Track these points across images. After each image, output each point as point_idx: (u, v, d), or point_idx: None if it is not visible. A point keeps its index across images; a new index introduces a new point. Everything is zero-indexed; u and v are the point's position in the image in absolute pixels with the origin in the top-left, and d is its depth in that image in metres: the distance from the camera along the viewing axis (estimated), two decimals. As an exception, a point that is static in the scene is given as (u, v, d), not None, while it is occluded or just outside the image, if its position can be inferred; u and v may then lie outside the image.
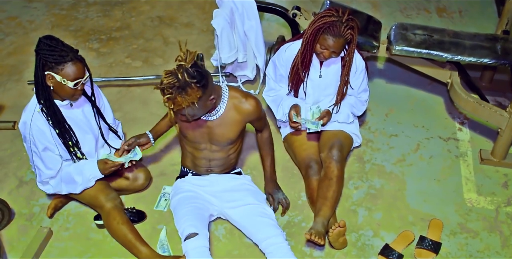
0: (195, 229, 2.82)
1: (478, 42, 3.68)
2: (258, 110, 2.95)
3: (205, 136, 2.94)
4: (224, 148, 3.03)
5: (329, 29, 2.99)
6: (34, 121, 2.78)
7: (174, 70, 2.53)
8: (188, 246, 2.79)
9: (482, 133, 3.76)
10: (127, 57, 4.52)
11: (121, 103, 4.02)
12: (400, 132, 3.78)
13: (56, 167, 2.92)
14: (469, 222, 3.18)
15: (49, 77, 2.66)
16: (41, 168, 2.91)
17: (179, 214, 2.96)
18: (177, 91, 2.50)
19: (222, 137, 2.95)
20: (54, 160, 2.90)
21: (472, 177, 3.45)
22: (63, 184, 2.99)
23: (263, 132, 3.18)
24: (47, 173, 2.92)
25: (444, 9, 5.06)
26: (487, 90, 3.97)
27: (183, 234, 2.85)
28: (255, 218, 2.96)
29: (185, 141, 3.03)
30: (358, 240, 3.10)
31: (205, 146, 3.00)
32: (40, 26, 4.89)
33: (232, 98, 2.86)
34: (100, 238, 3.10)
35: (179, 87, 2.50)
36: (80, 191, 3.00)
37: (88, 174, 2.94)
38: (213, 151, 3.02)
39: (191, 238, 2.80)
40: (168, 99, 2.53)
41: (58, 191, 3.03)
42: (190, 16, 5.03)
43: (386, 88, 4.15)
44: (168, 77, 2.51)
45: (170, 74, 2.52)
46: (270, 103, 3.48)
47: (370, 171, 3.51)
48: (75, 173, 2.94)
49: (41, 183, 3.01)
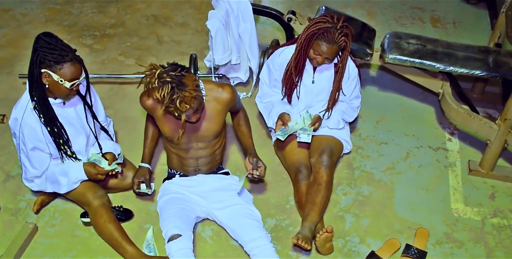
0: (178, 231, 2.81)
1: (470, 53, 3.71)
2: (236, 96, 2.98)
3: (191, 135, 2.94)
4: (210, 143, 3.02)
5: (323, 35, 3.00)
6: (25, 119, 2.76)
7: (159, 82, 2.49)
8: (171, 247, 2.79)
9: (471, 144, 3.79)
10: (120, 55, 4.50)
11: (112, 101, 4.00)
12: (390, 140, 3.80)
13: (42, 168, 2.91)
14: (455, 232, 3.20)
15: (45, 75, 2.64)
16: (27, 166, 2.90)
17: (164, 215, 2.96)
18: (177, 90, 2.48)
19: (208, 131, 2.94)
20: (40, 161, 2.89)
21: (460, 187, 3.48)
22: (48, 183, 2.98)
23: (239, 112, 3.21)
24: (32, 172, 2.91)
25: (439, 19, 5.09)
26: (477, 101, 4.00)
27: (166, 235, 2.85)
28: (242, 219, 2.96)
29: (170, 145, 3.03)
30: (344, 246, 3.10)
31: (191, 145, 2.99)
32: (34, 20, 4.85)
33: (209, 91, 2.87)
34: (86, 236, 3.08)
35: (177, 85, 2.48)
36: (64, 192, 2.99)
37: (74, 176, 2.93)
38: (199, 149, 3.02)
39: (174, 239, 2.79)
40: (181, 103, 2.49)
41: (43, 189, 3.02)
42: (185, 16, 5.02)
43: (378, 96, 4.17)
44: (161, 89, 2.48)
45: (161, 85, 2.48)
46: (262, 110, 3.49)
47: (359, 178, 3.52)
48: (61, 174, 2.93)
49: (27, 180, 3.01)
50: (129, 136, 3.66)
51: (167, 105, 2.51)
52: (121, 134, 3.65)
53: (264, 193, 3.38)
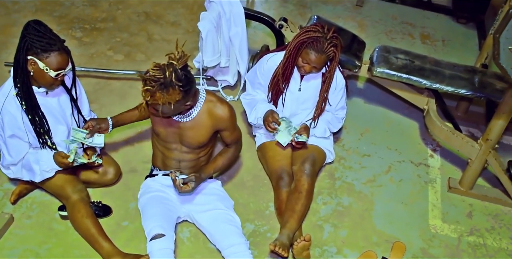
0: (162, 230, 2.79)
1: (457, 72, 3.75)
2: (230, 118, 2.90)
3: (176, 136, 2.92)
4: (195, 151, 3.01)
5: (312, 44, 3.02)
6: (6, 105, 2.73)
7: (163, 65, 2.51)
8: (153, 246, 2.76)
9: (452, 161, 3.83)
10: (109, 50, 4.46)
11: (98, 95, 3.97)
12: (373, 153, 3.82)
13: (18, 156, 2.87)
14: (431, 248, 3.22)
15: (31, 62, 2.61)
16: (4, 153, 2.88)
17: (148, 213, 2.92)
18: (159, 87, 2.48)
19: (192, 140, 2.93)
20: (17, 149, 2.86)
21: (439, 204, 3.50)
22: (24, 171, 2.94)
23: (232, 148, 3.08)
24: (8, 159, 2.89)
25: (428, 36, 5.15)
26: (461, 120, 4.05)
27: (149, 234, 2.81)
28: (221, 224, 2.95)
29: (157, 139, 3.01)
30: (321, 255, 3.11)
31: (176, 147, 2.97)
32: (24, 8, 4.80)
33: (207, 102, 2.85)
34: (62, 229, 3.04)
35: (162, 84, 2.48)
36: (39, 180, 2.95)
37: (45, 165, 2.89)
38: (183, 152, 3.00)
39: (157, 238, 2.77)
40: (147, 91, 2.50)
41: (19, 177, 2.98)
42: (177, 16, 5.00)
43: (363, 108, 4.20)
44: (156, 71, 2.49)
45: (159, 69, 2.50)
46: (245, 105, 3.48)
47: (340, 188, 3.53)
48: (34, 162, 2.89)
49: (3, 167, 2.98)
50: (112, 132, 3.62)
51: (143, 79, 2.50)
52: (105, 130, 3.61)
53: (245, 198, 3.37)
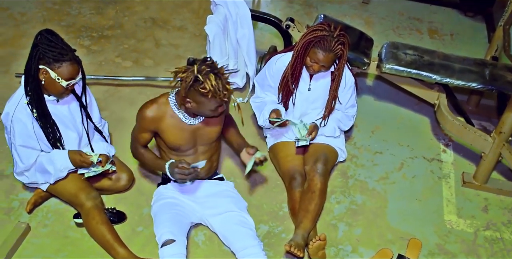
0: (172, 236, 2.80)
1: (467, 66, 3.73)
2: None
3: (193, 141, 2.92)
4: (211, 146, 3.01)
5: (320, 43, 3.01)
6: (17, 114, 2.76)
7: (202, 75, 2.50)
8: (164, 253, 2.77)
9: (465, 156, 3.80)
10: (117, 57, 4.49)
11: (108, 102, 3.99)
12: (385, 150, 3.80)
13: (29, 162, 2.90)
14: (447, 244, 3.20)
15: (43, 71, 2.64)
16: (17, 160, 2.91)
17: (158, 220, 2.94)
18: (220, 75, 2.52)
19: (210, 135, 2.94)
20: (29, 156, 2.88)
21: (453, 199, 3.48)
22: (38, 174, 2.97)
23: (228, 116, 3.17)
24: (21, 166, 2.92)
25: (436, 31, 5.13)
26: (473, 114, 4.02)
27: (160, 240, 2.83)
28: (234, 227, 2.95)
29: (172, 152, 2.98)
30: (336, 254, 3.10)
31: (191, 152, 2.98)
32: (32, 19, 4.84)
33: None
34: (78, 237, 3.06)
35: (217, 71, 2.53)
36: (53, 181, 2.97)
37: (59, 164, 2.90)
38: (200, 154, 3.00)
39: (168, 244, 2.78)
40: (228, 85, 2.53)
41: (34, 181, 3.01)
42: (183, 20, 5.02)
43: (374, 105, 4.18)
44: (208, 80, 2.49)
45: (205, 77, 2.49)
46: (255, 109, 3.48)
47: (353, 186, 3.52)
48: (47, 163, 2.91)
49: (17, 174, 3.01)
50: (123, 138, 3.63)
51: (221, 92, 2.51)
52: (116, 136, 3.63)
53: (258, 199, 3.37)
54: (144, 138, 2.90)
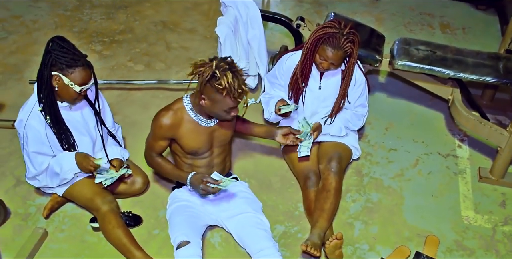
0: (186, 238, 2.81)
1: (480, 60, 3.69)
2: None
3: (209, 143, 2.93)
4: (225, 148, 3.03)
5: (329, 40, 3.00)
6: (30, 120, 2.79)
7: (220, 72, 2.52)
8: (179, 255, 2.78)
9: (481, 151, 3.77)
10: (129, 61, 4.51)
11: (121, 106, 4.01)
12: (400, 147, 3.78)
13: (42, 168, 2.92)
14: (465, 240, 3.18)
15: (56, 78, 2.66)
16: (29, 166, 2.94)
17: (173, 223, 2.95)
18: (237, 73, 2.55)
19: (224, 136, 2.95)
20: (41, 162, 2.91)
21: (470, 194, 3.45)
22: (48, 178, 2.99)
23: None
24: (33, 172, 2.95)
25: (448, 25, 5.09)
26: (488, 108, 3.98)
27: (175, 242, 2.84)
28: (249, 229, 2.94)
29: (187, 156, 2.97)
30: (353, 253, 3.09)
31: (208, 154, 2.98)
32: (44, 26, 4.88)
33: None
34: (95, 241, 3.08)
35: (235, 70, 2.56)
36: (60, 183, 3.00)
37: (66, 166, 2.91)
38: (215, 156, 3.01)
39: (182, 246, 2.79)
40: (244, 85, 2.56)
41: (45, 184, 3.04)
42: (194, 22, 5.03)
43: (387, 102, 4.16)
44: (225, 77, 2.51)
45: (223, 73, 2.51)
46: (263, 104, 3.47)
47: (368, 184, 3.50)
48: (56, 165, 2.93)
49: (29, 179, 3.04)
50: (137, 142, 3.66)
51: (236, 90, 2.54)
52: (129, 140, 3.65)
53: (273, 199, 3.37)
54: (160, 146, 2.90)
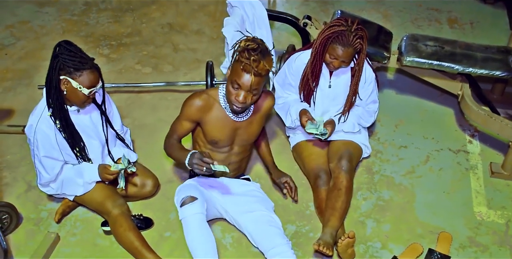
0: (193, 194, 2.77)
1: (490, 54, 3.67)
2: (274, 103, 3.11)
3: (231, 138, 2.94)
4: (246, 148, 3.06)
5: (338, 39, 2.99)
6: (40, 125, 2.80)
7: (252, 38, 2.64)
8: (185, 212, 2.73)
9: (492, 146, 3.74)
10: (137, 64, 4.52)
11: (130, 110, 4.02)
12: (410, 144, 3.76)
13: (54, 173, 2.93)
14: (478, 236, 3.15)
15: (64, 81, 2.67)
16: (41, 172, 2.94)
17: (181, 190, 2.88)
18: (261, 54, 2.57)
19: (248, 137, 2.98)
20: (53, 166, 2.91)
21: (482, 190, 3.43)
22: (64, 187, 3.00)
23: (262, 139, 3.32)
24: (46, 177, 2.95)
25: (456, 20, 5.06)
26: (498, 102, 3.95)
27: (178, 201, 2.78)
28: (262, 226, 2.94)
29: (206, 146, 2.99)
30: (366, 251, 3.07)
31: (228, 149, 2.99)
32: (51, 31, 4.91)
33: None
34: (107, 245, 3.08)
35: (262, 51, 2.59)
36: (81, 193, 3.01)
37: (88, 177, 2.94)
38: (234, 154, 3.03)
39: (188, 203, 2.73)
40: (254, 61, 2.56)
41: (59, 193, 3.05)
42: (200, 24, 5.04)
43: (396, 99, 4.14)
44: (251, 43, 2.59)
45: (252, 41, 2.61)
46: (279, 110, 3.47)
47: (379, 182, 3.49)
48: (77, 176, 2.95)
49: (42, 185, 3.04)
50: (146, 145, 3.67)
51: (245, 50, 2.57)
52: (138, 143, 3.66)
53: (284, 199, 3.36)
54: (184, 127, 2.89)
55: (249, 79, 2.60)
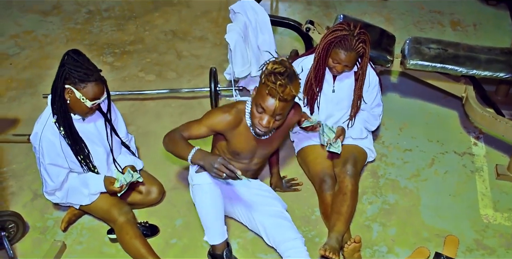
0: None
1: (493, 56, 3.66)
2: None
3: (254, 151, 2.93)
4: (265, 160, 3.07)
5: (341, 43, 2.99)
6: (45, 132, 2.80)
7: (280, 61, 2.55)
8: (201, 179, 2.69)
9: (498, 147, 3.73)
10: (140, 71, 4.54)
11: (134, 117, 4.03)
12: (415, 147, 3.75)
13: (59, 180, 2.94)
14: (485, 239, 3.14)
15: (68, 91, 2.68)
16: (46, 179, 2.94)
17: None
18: (288, 79, 2.49)
19: (269, 151, 2.99)
20: (58, 174, 2.92)
21: (488, 192, 3.42)
22: (70, 196, 3.01)
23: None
24: (51, 185, 2.95)
25: (458, 22, 5.05)
26: (502, 104, 3.94)
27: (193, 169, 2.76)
28: (277, 219, 2.95)
29: (226, 154, 2.96)
30: (372, 256, 3.06)
31: (248, 161, 3.00)
32: (55, 40, 4.92)
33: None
34: (113, 252, 3.09)
35: (289, 76, 2.50)
36: (86, 203, 3.02)
37: (93, 189, 2.96)
38: (254, 164, 3.03)
39: (202, 171, 2.70)
40: (280, 86, 2.48)
41: (64, 202, 3.06)
42: (203, 30, 5.05)
43: (400, 103, 4.14)
44: (279, 66, 2.51)
45: (280, 64, 2.52)
46: None
47: (384, 186, 3.48)
48: (82, 186, 2.96)
49: (47, 193, 3.04)
50: (151, 152, 3.67)
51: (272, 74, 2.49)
52: (143, 150, 3.67)
53: (289, 204, 3.35)
54: (200, 131, 2.79)
55: (274, 104, 2.53)
